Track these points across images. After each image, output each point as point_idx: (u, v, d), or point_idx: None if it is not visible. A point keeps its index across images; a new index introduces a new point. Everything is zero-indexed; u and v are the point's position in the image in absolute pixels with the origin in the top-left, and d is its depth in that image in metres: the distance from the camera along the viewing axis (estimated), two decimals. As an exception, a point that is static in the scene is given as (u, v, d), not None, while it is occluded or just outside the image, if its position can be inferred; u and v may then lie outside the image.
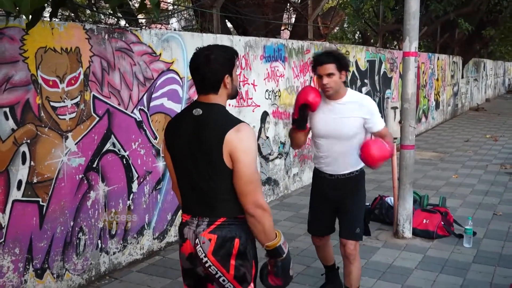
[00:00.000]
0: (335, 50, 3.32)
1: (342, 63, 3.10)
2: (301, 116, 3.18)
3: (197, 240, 2.12)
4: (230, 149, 2.02)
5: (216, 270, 2.10)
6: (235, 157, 2.02)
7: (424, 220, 4.96)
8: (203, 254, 2.10)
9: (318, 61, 3.12)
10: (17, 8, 1.84)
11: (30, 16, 2.03)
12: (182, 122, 2.18)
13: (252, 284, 2.18)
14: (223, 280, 2.11)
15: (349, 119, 3.15)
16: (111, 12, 7.37)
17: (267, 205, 2.10)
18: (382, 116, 3.39)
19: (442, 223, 4.92)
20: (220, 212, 2.11)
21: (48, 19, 3.58)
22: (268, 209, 2.10)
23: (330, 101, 3.16)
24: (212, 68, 2.08)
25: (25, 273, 3.44)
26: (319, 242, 3.53)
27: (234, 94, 2.21)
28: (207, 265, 2.10)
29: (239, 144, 2.02)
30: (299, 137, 3.30)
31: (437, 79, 13.58)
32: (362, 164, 3.30)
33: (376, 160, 3.07)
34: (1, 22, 3.19)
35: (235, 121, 2.09)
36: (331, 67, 3.07)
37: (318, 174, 3.39)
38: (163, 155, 3.64)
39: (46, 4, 2.12)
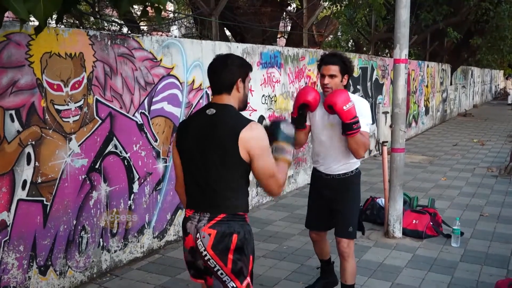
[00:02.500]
0: (343, 53, 3.30)
1: (346, 66, 3.11)
2: (300, 115, 3.19)
3: (198, 234, 2.16)
4: (247, 146, 2.09)
5: (215, 263, 2.15)
6: (253, 154, 2.11)
7: (414, 220, 4.97)
8: (203, 248, 2.15)
9: (324, 60, 3.14)
10: (30, 15, 1.86)
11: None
12: (195, 120, 2.26)
13: (248, 278, 2.21)
14: (221, 274, 2.15)
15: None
16: (114, 20, 7.39)
17: (284, 178, 2.24)
18: (374, 121, 3.37)
19: (431, 223, 4.94)
20: (221, 208, 2.16)
21: (53, 25, 3.59)
22: (285, 180, 2.26)
23: None
24: (229, 69, 2.20)
25: (29, 270, 3.43)
26: (315, 237, 3.53)
27: (244, 104, 2.29)
28: (206, 258, 2.15)
29: (254, 142, 2.11)
30: (299, 136, 3.26)
31: (427, 86, 13.64)
32: (357, 165, 3.30)
33: (333, 104, 2.96)
34: (7, 28, 3.19)
35: (247, 120, 2.17)
36: (334, 69, 3.08)
37: (315, 172, 3.40)
38: (171, 153, 3.65)
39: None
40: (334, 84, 3.09)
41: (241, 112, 2.26)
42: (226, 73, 2.19)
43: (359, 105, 3.14)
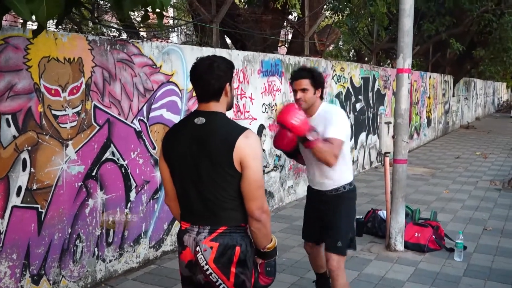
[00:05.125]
0: (312, 67, 3.32)
1: (316, 79, 3.11)
2: (285, 153, 3.30)
3: (198, 247, 2.11)
4: (241, 155, 2.04)
5: (217, 277, 2.10)
6: (246, 163, 2.04)
7: (416, 233, 4.95)
8: (204, 262, 2.10)
9: (294, 76, 3.15)
10: (33, 16, 1.86)
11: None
12: (183, 131, 2.16)
13: None
14: None
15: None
16: (113, 26, 7.41)
17: (269, 209, 2.15)
18: (375, 132, 3.35)
19: (434, 236, 4.92)
20: (222, 220, 2.11)
21: (52, 29, 3.60)
22: (270, 213, 2.16)
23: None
24: (215, 75, 2.09)
25: (21, 278, 3.40)
26: (310, 250, 3.52)
27: (231, 105, 2.23)
28: (208, 272, 2.10)
29: (250, 150, 2.05)
30: (298, 159, 3.42)
31: (429, 97, 13.69)
32: (349, 180, 3.26)
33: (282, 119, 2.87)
34: (5, 31, 3.20)
35: (242, 128, 2.11)
36: (305, 83, 3.08)
37: (309, 189, 3.43)
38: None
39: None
40: (308, 98, 3.08)
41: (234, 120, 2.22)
42: (214, 80, 2.09)
43: (330, 113, 3.10)
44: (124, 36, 7.53)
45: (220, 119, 2.12)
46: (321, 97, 3.19)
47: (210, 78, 2.09)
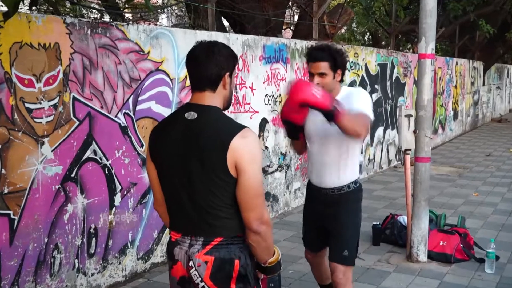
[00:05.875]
0: (333, 45, 3.23)
1: (338, 61, 3.07)
2: (288, 129, 3.14)
3: (191, 262, 2.09)
4: (236, 157, 2.00)
5: None
6: (242, 167, 2.01)
7: (441, 242, 4.96)
8: (199, 278, 2.08)
9: (311, 56, 3.10)
10: None
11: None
12: (172, 128, 2.14)
13: None
14: None
15: None
16: (94, 7, 7.41)
17: (270, 219, 2.13)
18: (394, 127, 3.32)
19: (461, 245, 4.93)
20: (217, 230, 2.09)
21: (25, 10, 3.60)
22: (271, 224, 2.13)
23: None
24: (215, 59, 2.07)
25: (-8, 295, 3.42)
26: (311, 258, 3.52)
27: (229, 103, 2.20)
28: None
29: (247, 153, 2.01)
30: (297, 144, 3.32)
31: (456, 86, 13.67)
32: (355, 177, 3.26)
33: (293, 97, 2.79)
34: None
35: (239, 126, 2.07)
36: (323, 66, 3.04)
37: (309, 184, 3.40)
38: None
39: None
40: (326, 84, 3.03)
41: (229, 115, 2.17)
42: (212, 64, 2.07)
43: (355, 94, 3.10)
44: (106, 18, 7.53)
45: (214, 115, 2.09)
46: (341, 80, 3.15)
47: (208, 62, 2.07)
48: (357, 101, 3.04)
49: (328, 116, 2.79)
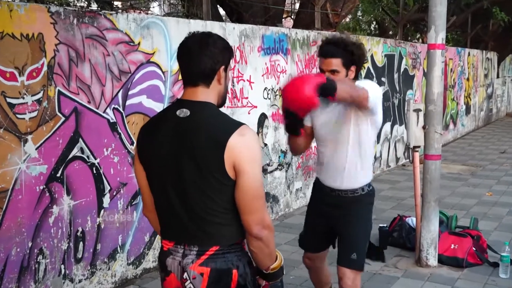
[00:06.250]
0: (347, 38, 3.16)
1: (353, 57, 3.04)
2: (289, 122, 2.89)
3: (185, 274, 2.07)
4: (235, 157, 1.98)
5: None
6: (241, 168, 1.99)
7: (452, 245, 4.97)
8: None
9: (323, 51, 3.08)
10: None
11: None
12: (162, 126, 2.12)
13: None
14: None
15: (350, 121, 3.10)
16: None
17: (272, 223, 2.11)
18: (402, 122, 3.31)
19: (474, 249, 4.93)
20: (212, 238, 2.06)
21: (6, -1, 3.60)
22: (273, 228, 2.12)
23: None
24: (209, 51, 2.05)
25: (-28, 303, 3.42)
26: (309, 262, 3.53)
27: (224, 99, 2.18)
28: None
29: (246, 152, 1.99)
30: (295, 141, 3.20)
31: (468, 79, 13.68)
32: (369, 179, 3.28)
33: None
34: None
35: (236, 123, 2.05)
36: (335, 63, 3.01)
37: (318, 184, 3.39)
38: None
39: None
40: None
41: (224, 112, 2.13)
42: (206, 57, 2.04)
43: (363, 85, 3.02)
44: (94, 6, 7.52)
45: (209, 112, 2.06)
46: (356, 78, 3.12)
47: (202, 54, 2.04)
48: (361, 83, 3.02)
49: (326, 90, 2.59)
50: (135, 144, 2.22)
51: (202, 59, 2.04)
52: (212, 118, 2.05)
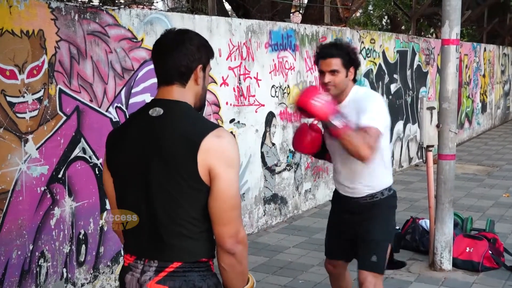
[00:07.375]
0: (345, 42, 3.32)
1: (350, 58, 3.13)
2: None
3: None
4: (209, 160, 1.88)
5: None
6: (216, 172, 1.88)
7: (468, 248, 4.95)
8: None
9: (321, 53, 3.16)
10: None
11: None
12: (133, 128, 2.04)
13: None
14: None
15: None
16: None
17: (246, 237, 2.01)
18: (415, 121, 3.37)
19: (490, 252, 4.92)
20: (175, 252, 1.94)
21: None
22: (247, 243, 2.02)
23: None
24: (185, 49, 1.98)
25: (-28, 308, 3.45)
26: (332, 269, 3.54)
27: (202, 102, 2.09)
28: None
29: (222, 155, 1.90)
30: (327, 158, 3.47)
31: (484, 76, 13.62)
32: (389, 184, 3.31)
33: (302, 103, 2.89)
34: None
35: (212, 124, 1.99)
36: (335, 63, 3.09)
37: (336, 194, 3.46)
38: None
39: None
40: (338, 82, 3.10)
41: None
42: (182, 54, 1.97)
43: (364, 99, 3.13)
44: (96, 2, 7.56)
45: (183, 111, 1.97)
46: (354, 80, 3.20)
47: (177, 52, 1.97)
48: (368, 110, 3.04)
49: (324, 127, 2.90)
50: (105, 147, 2.13)
51: (177, 56, 1.97)
52: (186, 118, 1.96)
